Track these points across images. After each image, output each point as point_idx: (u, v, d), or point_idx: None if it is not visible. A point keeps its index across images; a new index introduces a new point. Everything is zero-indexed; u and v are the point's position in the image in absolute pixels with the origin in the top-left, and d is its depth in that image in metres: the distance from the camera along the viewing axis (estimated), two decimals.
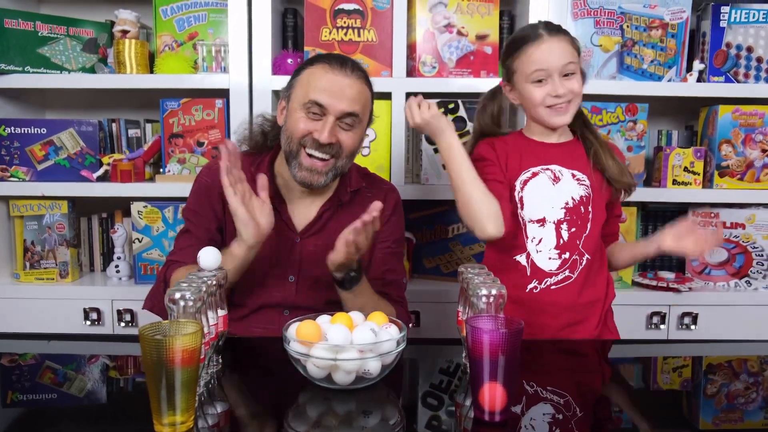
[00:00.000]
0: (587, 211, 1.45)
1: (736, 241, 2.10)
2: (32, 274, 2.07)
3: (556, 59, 1.38)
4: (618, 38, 2.03)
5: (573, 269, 1.44)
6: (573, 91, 1.40)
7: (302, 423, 0.94)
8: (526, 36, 1.41)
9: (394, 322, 1.07)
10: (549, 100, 1.40)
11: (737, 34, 2.04)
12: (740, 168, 2.06)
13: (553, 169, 1.46)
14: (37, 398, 1.03)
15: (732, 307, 2.06)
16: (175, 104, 2.02)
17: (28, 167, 2.04)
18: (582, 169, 1.47)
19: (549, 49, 1.39)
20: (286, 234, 1.44)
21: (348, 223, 1.40)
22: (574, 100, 1.42)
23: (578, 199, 1.45)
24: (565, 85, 1.39)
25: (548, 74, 1.39)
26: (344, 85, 1.35)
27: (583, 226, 1.45)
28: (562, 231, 1.45)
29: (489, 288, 0.96)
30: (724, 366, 1.24)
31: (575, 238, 1.44)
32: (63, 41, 2.06)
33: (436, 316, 2.01)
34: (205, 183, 1.45)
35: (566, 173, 1.46)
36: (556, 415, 0.96)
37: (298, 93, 1.37)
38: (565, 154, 1.48)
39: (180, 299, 0.92)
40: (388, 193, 1.52)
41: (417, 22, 2.00)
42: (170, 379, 0.83)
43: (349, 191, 1.47)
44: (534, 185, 1.46)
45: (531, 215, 1.46)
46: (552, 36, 1.40)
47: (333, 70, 1.36)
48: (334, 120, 1.35)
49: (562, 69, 1.39)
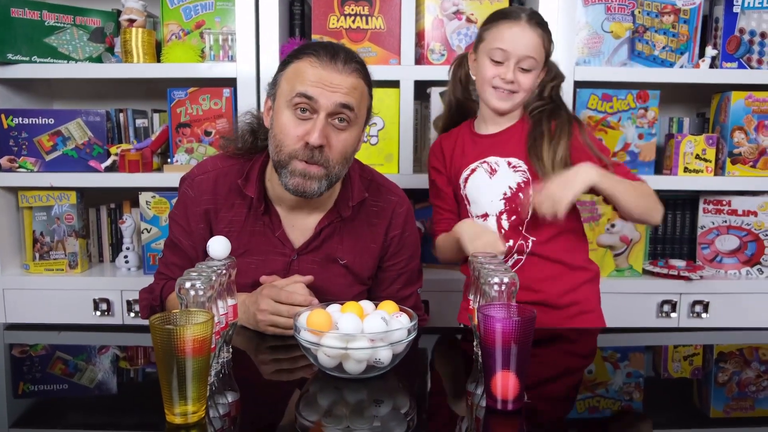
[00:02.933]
0: (527, 195, 1.44)
1: (748, 229, 2.08)
2: (42, 265, 2.07)
3: (520, 46, 1.39)
4: (629, 24, 2.01)
5: (521, 252, 1.48)
6: (521, 84, 1.41)
7: (313, 412, 0.93)
8: (508, 13, 1.43)
9: (405, 311, 1.07)
10: (496, 81, 1.41)
11: (750, 19, 2.02)
12: (753, 155, 2.04)
13: (490, 161, 1.48)
14: (48, 389, 1.03)
15: (743, 295, 2.05)
16: (182, 93, 2.01)
17: (36, 158, 2.04)
18: (518, 154, 1.46)
19: (519, 33, 1.39)
20: (281, 252, 1.33)
21: (350, 239, 1.36)
22: (519, 93, 1.43)
23: (515, 187, 1.46)
24: (517, 75, 1.40)
25: (506, 57, 1.39)
26: (336, 78, 1.19)
27: (522, 212, 1.46)
28: (502, 221, 1.48)
29: (501, 276, 0.95)
30: (735, 354, 1.23)
31: (517, 225, 1.47)
32: (70, 31, 2.05)
33: (445, 305, 2.01)
34: (190, 197, 1.34)
35: (502, 163, 1.47)
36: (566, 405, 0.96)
37: (284, 89, 1.22)
38: (503, 143, 1.48)
39: (191, 289, 0.92)
40: (396, 208, 1.40)
41: (425, 9, 1.98)
42: (181, 368, 0.82)
43: (351, 206, 1.34)
44: (473, 181, 1.51)
45: (476, 211, 1.51)
46: (528, 23, 1.40)
47: (322, 63, 1.19)
48: (325, 117, 1.19)
49: (520, 58, 1.39)
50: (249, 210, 1.33)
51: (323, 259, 1.35)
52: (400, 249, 1.42)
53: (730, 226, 2.11)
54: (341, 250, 1.36)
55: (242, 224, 1.33)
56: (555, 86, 1.51)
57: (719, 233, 2.12)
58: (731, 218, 2.10)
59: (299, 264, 1.34)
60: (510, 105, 1.45)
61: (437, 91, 2.00)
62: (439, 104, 2.01)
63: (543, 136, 1.43)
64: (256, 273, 1.32)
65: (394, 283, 1.44)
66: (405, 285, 1.45)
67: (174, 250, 1.39)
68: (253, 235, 1.33)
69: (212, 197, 1.34)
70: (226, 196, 1.34)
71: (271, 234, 1.33)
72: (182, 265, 1.33)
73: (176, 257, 1.38)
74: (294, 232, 1.35)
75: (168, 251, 1.41)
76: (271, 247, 1.33)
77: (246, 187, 1.31)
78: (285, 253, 1.34)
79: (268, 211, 1.33)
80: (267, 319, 1.20)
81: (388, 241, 1.40)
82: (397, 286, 1.44)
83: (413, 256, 1.46)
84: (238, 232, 1.33)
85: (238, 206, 1.33)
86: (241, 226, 1.33)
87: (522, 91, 1.43)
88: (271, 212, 1.33)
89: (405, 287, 1.45)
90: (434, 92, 2.01)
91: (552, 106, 1.49)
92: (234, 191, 1.33)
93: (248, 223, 1.33)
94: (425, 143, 2.12)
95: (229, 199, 1.34)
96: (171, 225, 1.39)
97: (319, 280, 1.31)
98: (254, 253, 1.33)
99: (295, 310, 1.15)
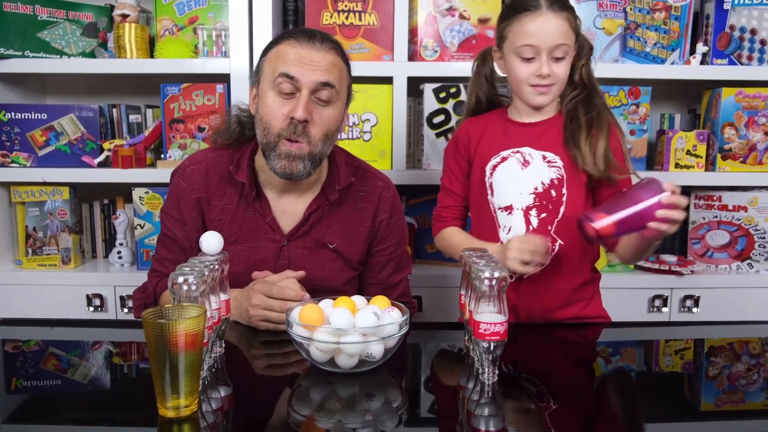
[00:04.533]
0: (560, 194, 1.37)
1: (738, 224, 2.10)
2: (35, 260, 2.07)
3: (548, 37, 1.30)
4: (621, 21, 2.02)
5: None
6: (558, 75, 1.33)
7: (305, 406, 0.94)
8: (525, 2, 1.32)
9: (397, 306, 1.07)
10: (533, 80, 1.33)
11: (741, 16, 2.03)
12: (743, 151, 2.06)
13: (524, 152, 1.40)
14: (41, 384, 1.03)
15: (734, 290, 2.06)
16: (175, 89, 2.01)
17: (29, 153, 2.04)
18: (555, 149, 1.38)
19: (544, 23, 1.29)
20: (271, 238, 1.36)
21: (337, 224, 1.38)
22: (556, 85, 1.35)
23: (548, 183, 1.38)
24: (551, 66, 1.32)
25: (536, 51, 1.31)
26: (315, 56, 1.24)
27: (554, 211, 1.38)
28: (531, 218, 1.39)
29: (492, 271, 0.96)
30: (725, 348, 1.25)
31: (546, 224, 1.38)
32: (63, 25, 2.05)
33: (438, 301, 2.02)
34: (182, 188, 1.37)
35: (537, 155, 1.39)
36: (554, 400, 0.97)
37: (267, 72, 1.26)
38: (540, 134, 1.40)
39: (183, 284, 0.92)
40: (383, 193, 1.43)
41: (418, 6, 1.99)
42: (174, 362, 0.83)
43: (337, 189, 1.37)
44: (502, 171, 1.41)
45: (499, 202, 1.41)
46: (550, 10, 1.30)
47: (301, 44, 1.24)
48: (308, 94, 1.23)
49: (552, 49, 1.30)
50: (240, 197, 1.36)
51: (313, 245, 1.37)
52: (389, 233, 1.44)
53: (721, 222, 2.12)
54: (330, 234, 1.38)
55: (234, 212, 1.36)
56: (585, 64, 1.41)
57: (710, 228, 2.14)
58: (722, 213, 2.12)
59: (289, 250, 1.36)
60: (550, 98, 1.37)
61: (430, 87, 2.01)
62: (432, 101, 2.01)
63: (581, 128, 1.35)
64: (247, 260, 1.34)
65: (384, 268, 1.45)
66: (395, 271, 1.47)
67: (167, 246, 1.40)
68: (244, 222, 1.36)
69: (204, 186, 1.36)
70: (218, 185, 1.36)
71: (262, 220, 1.36)
72: (176, 259, 1.34)
73: (170, 252, 1.39)
74: (284, 217, 1.37)
75: (161, 247, 1.42)
76: (261, 234, 1.36)
77: (237, 173, 1.34)
78: (275, 239, 1.36)
79: (259, 196, 1.36)
80: (259, 314, 1.21)
81: (377, 226, 1.42)
82: (387, 271, 1.46)
83: (401, 241, 1.48)
84: (229, 220, 1.36)
85: (230, 194, 1.36)
86: (232, 213, 1.36)
87: (558, 82, 1.34)
88: (261, 198, 1.36)
89: (395, 273, 1.47)
90: (427, 88, 2.01)
91: (585, 94, 1.40)
92: (225, 180, 1.36)
93: (239, 210, 1.36)
94: (418, 139, 2.13)
95: (221, 187, 1.36)
96: (163, 219, 1.40)
97: (309, 265, 1.33)
98: (245, 240, 1.36)
99: (286, 305, 1.17)
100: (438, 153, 2.04)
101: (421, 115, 2.05)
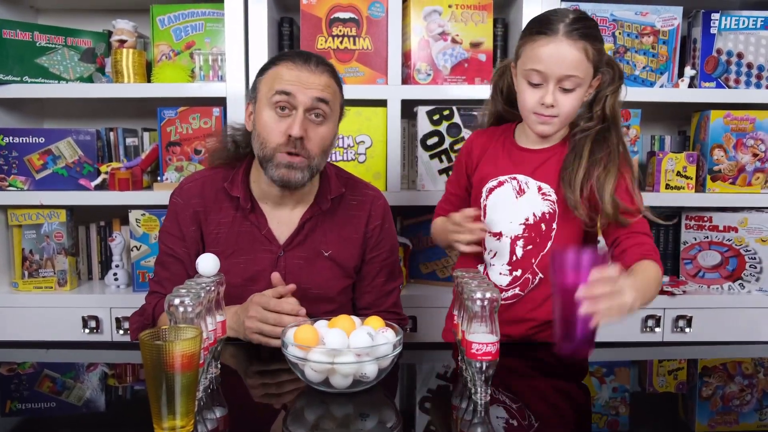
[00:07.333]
0: (549, 228, 1.33)
1: (729, 245, 2.12)
2: (31, 282, 2.07)
3: (557, 66, 1.22)
4: (610, 45, 2.05)
5: (524, 288, 1.36)
6: (562, 108, 1.26)
7: (300, 426, 0.95)
8: (543, 24, 1.24)
9: (391, 326, 1.08)
10: (537, 107, 1.27)
11: (727, 40, 2.07)
12: (732, 172, 2.08)
13: (521, 179, 1.35)
14: (36, 407, 1.03)
15: (726, 310, 2.08)
16: (172, 113, 2.03)
17: (27, 176, 2.05)
18: (552, 181, 1.33)
19: (556, 50, 1.22)
20: (268, 249, 1.39)
21: (332, 232, 1.41)
22: (560, 117, 1.28)
23: (539, 216, 1.34)
24: (557, 97, 1.25)
25: (544, 79, 1.24)
26: (311, 77, 1.30)
27: (541, 245, 1.34)
28: (517, 248, 1.35)
29: (483, 292, 0.97)
30: (719, 368, 1.25)
31: (531, 257, 1.35)
32: (61, 51, 2.07)
33: (432, 321, 2.02)
34: (180, 205, 1.40)
35: (533, 185, 1.34)
36: (545, 421, 0.97)
37: (264, 91, 1.32)
38: (540, 163, 1.35)
39: (180, 305, 0.93)
40: (374, 202, 1.47)
41: (412, 30, 2.02)
42: (170, 383, 0.84)
43: (329, 198, 1.41)
44: (497, 196, 1.38)
45: (490, 227, 1.37)
46: (567, 37, 1.21)
47: (297, 65, 1.30)
48: (303, 112, 1.28)
49: (561, 79, 1.23)
50: (236, 211, 1.39)
51: (309, 254, 1.40)
52: (381, 240, 1.47)
53: (712, 242, 2.14)
54: (325, 242, 1.41)
55: (230, 225, 1.39)
56: (612, 95, 1.31)
57: (701, 249, 2.16)
58: (713, 234, 2.14)
59: (286, 260, 1.39)
60: (553, 129, 1.31)
61: (424, 109, 2.04)
62: (425, 123, 2.04)
63: (580, 167, 1.28)
64: (244, 272, 1.37)
65: (378, 276, 1.48)
66: (388, 279, 1.49)
67: (166, 265, 1.41)
68: (241, 235, 1.39)
69: (201, 200, 1.40)
70: (214, 199, 1.40)
71: (258, 232, 1.39)
72: (175, 279, 1.35)
73: (169, 272, 1.40)
74: (279, 228, 1.40)
75: (159, 268, 1.43)
76: (258, 245, 1.38)
77: (232, 189, 1.39)
78: (272, 251, 1.39)
79: (254, 210, 1.39)
80: (254, 326, 1.23)
81: (369, 233, 1.46)
82: (380, 279, 1.48)
83: (393, 249, 1.51)
84: (226, 233, 1.39)
85: (226, 208, 1.40)
86: (228, 227, 1.39)
87: (564, 114, 1.27)
88: (256, 211, 1.40)
89: (388, 281, 1.49)
90: (421, 111, 2.04)
91: (599, 128, 1.31)
92: (221, 194, 1.40)
93: (236, 223, 1.39)
94: (413, 161, 2.15)
95: (217, 201, 1.40)
96: (162, 239, 1.43)
97: (306, 275, 1.37)
98: (242, 253, 1.38)
99: (281, 318, 1.20)
100: (432, 174, 2.06)
101: (415, 137, 2.08)
